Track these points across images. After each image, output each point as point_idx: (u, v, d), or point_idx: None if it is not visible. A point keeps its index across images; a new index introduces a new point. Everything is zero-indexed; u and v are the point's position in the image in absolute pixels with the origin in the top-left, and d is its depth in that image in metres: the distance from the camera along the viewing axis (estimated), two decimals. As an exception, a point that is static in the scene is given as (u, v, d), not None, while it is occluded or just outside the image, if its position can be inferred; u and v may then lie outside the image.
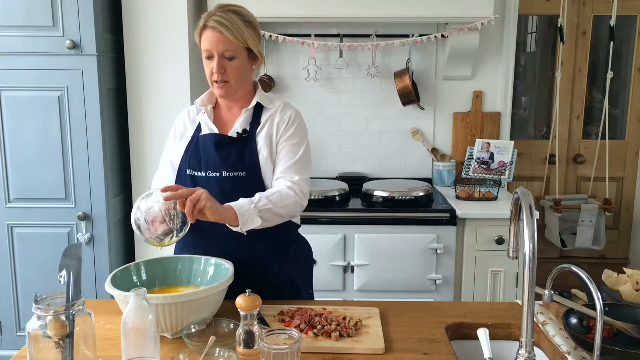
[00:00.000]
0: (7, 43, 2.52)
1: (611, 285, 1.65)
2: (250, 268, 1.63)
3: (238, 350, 1.23)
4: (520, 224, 1.19)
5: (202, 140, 1.71)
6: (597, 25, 3.43)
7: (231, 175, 1.65)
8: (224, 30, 1.60)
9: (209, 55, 1.65)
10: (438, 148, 3.29)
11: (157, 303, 1.30)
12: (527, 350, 1.14)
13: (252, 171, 1.66)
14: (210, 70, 1.66)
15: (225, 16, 1.61)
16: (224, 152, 1.67)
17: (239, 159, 1.66)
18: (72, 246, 1.24)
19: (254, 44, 1.67)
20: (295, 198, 1.62)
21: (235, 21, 1.62)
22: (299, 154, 1.70)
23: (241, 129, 1.71)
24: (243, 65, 1.67)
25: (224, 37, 1.61)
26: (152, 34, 2.76)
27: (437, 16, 2.90)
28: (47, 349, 1.12)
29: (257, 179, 1.66)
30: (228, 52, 1.63)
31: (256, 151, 1.67)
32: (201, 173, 1.68)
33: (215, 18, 1.61)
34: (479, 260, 2.74)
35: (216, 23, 1.61)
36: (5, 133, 2.60)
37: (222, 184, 1.64)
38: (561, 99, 3.36)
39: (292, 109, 1.76)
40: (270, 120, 1.72)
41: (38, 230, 2.67)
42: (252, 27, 1.66)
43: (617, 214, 3.59)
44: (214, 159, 1.67)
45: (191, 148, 1.73)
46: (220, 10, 1.64)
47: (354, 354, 1.33)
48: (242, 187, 1.64)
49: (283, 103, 1.77)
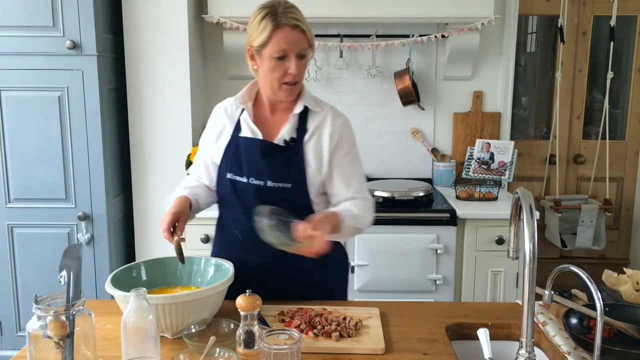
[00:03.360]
0: (7, 43, 2.52)
1: (611, 285, 1.65)
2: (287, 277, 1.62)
3: (238, 350, 1.23)
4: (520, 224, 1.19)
5: (245, 144, 1.62)
6: (597, 25, 3.43)
7: (276, 185, 1.58)
8: (304, 28, 1.52)
9: (283, 54, 1.52)
10: (438, 148, 3.29)
11: (157, 303, 1.30)
12: (527, 350, 1.14)
13: (297, 183, 1.59)
14: (282, 72, 1.54)
15: (298, 13, 1.53)
16: (269, 160, 1.59)
17: (285, 169, 1.59)
18: (72, 246, 1.24)
19: (314, 40, 1.60)
20: (371, 211, 1.65)
21: (304, 18, 1.54)
22: (360, 167, 1.68)
23: (289, 136, 1.61)
24: (308, 62, 1.61)
25: (302, 35, 1.52)
26: (152, 34, 2.76)
27: (437, 16, 2.90)
28: (47, 349, 1.12)
29: (302, 191, 1.60)
30: (304, 50, 1.54)
31: (303, 162, 1.59)
32: (242, 178, 1.61)
33: (291, 15, 1.51)
34: (479, 260, 2.74)
35: (296, 21, 1.51)
36: (5, 133, 2.60)
37: (264, 192, 1.58)
38: (561, 99, 3.36)
39: (341, 116, 1.68)
40: (319, 129, 1.63)
41: (38, 230, 2.68)
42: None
43: (617, 214, 3.59)
44: (259, 166, 1.59)
45: (231, 150, 1.64)
46: (285, 8, 1.53)
47: (354, 354, 1.33)
48: (285, 198, 1.58)
49: (330, 108, 1.67)
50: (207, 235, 2.67)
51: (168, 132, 2.85)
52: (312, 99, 1.67)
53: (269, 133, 1.63)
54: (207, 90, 3.22)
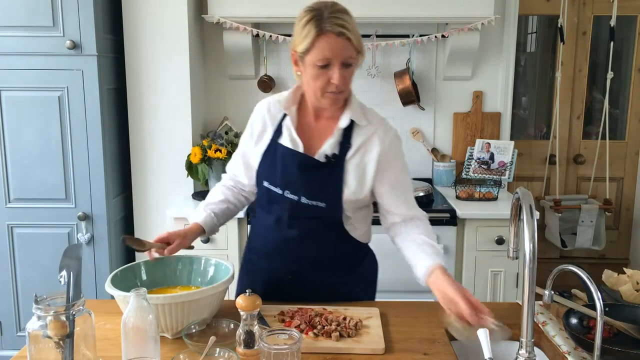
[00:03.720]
0: (7, 43, 2.52)
1: (611, 285, 1.65)
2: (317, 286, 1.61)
3: (238, 350, 1.23)
4: (520, 224, 1.19)
5: (283, 154, 1.54)
6: (597, 25, 3.43)
7: (310, 203, 1.52)
8: (351, 35, 1.41)
9: (326, 63, 1.42)
10: (438, 148, 3.29)
11: (157, 303, 1.30)
12: (527, 350, 1.14)
13: (332, 202, 1.52)
14: (325, 81, 1.45)
15: (346, 18, 1.42)
16: (307, 176, 1.52)
17: (321, 187, 1.52)
18: (72, 246, 1.24)
19: (363, 48, 1.48)
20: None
21: (353, 23, 1.43)
22: (411, 184, 1.64)
23: (330, 152, 1.52)
24: (354, 71, 1.49)
25: (348, 42, 1.41)
26: (152, 34, 2.76)
27: (437, 16, 2.90)
28: (47, 349, 1.12)
29: (335, 211, 1.54)
30: (350, 58, 1.43)
31: (342, 181, 1.51)
32: (277, 189, 1.55)
33: (337, 21, 1.40)
34: (479, 260, 2.74)
35: (342, 28, 1.40)
36: (5, 133, 2.60)
37: (298, 208, 1.53)
38: (561, 99, 3.36)
39: (391, 131, 1.57)
40: (365, 146, 1.53)
41: (38, 230, 2.68)
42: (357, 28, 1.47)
43: (617, 214, 3.59)
44: (295, 180, 1.52)
45: (269, 156, 1.57)
46: (332, 12, 1.42)
47: (354, 354, 1.33)
48: (318, 216, 1.53)
49: (380, 122, 1.57)
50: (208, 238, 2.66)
51: (168, 132, 2.85)
52: (360, 111, 1.56)
53: (310, 144, 1.55)
54: (207, 90, 3.22)
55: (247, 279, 1.72)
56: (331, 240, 1.58)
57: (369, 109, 1.60)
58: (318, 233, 1.56)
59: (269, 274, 1.63)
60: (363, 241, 1.69)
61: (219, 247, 2.66)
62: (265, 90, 3.14)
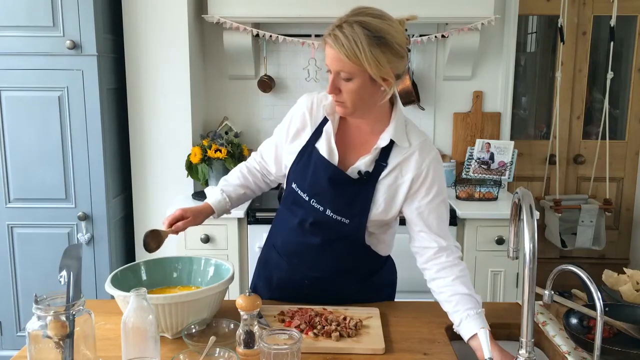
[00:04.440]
0: (7, 43, 2.52)
1: (611, 285, 1.65)
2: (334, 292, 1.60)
3: (238, 350, 1.23)
4: (520, 224, 1.19)
5: (317, 161, 1.49)
6: (597, 25, 3.43)
7: (334, 217, 1.49)
8: (338, 48, 1.33)
9: (328, 69, 1.40)
10: (438, 148, 3.29)
11: (157, 303, 1.30)
12: (527, 350, 1.14)
13: (357, 220, 1.49)
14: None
15: (347, 30, 1.33)
16: (336, 190, 1.48)
17: (349, 204, 1.48)
18: (72, 246, 1.24)
19: (376, 68, 1.34)
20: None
21: (358, 38, 1.32)
22: (446, 213, 1.51)
23: (364, 169, 1.47)
24: (362, 87, 1.38)
25: (339, 55, 1.34)
26: (152, 34, 2.76)
27: (437, 16, 2.90)
28: (47, 349, 1.12)
29: (359, 229, 1.50)
30: (345, 72, 1.36)
31: (371, 201, 1.47)
32: (304, 195, 1.51)
33: (336, 31, 1.34)
34: (479, 260, 2.73)
35: (333, 39, 1.34)
36: (5, 133, 2.60)
37: (323, 218, 1.50)
38: (561, 99, 3.36)
39: (430, 153, 1.48)
40: (400, 167, 1.47)
41: (38, 230, 2.68)
42: (382, 45, 1.33)
43: (617, 214, 3.59)
44: (323, 192, 1.49)
45: (303, 159, 1.53)
46: (348, 20, 1.35)
47: (354, 354, 1.33)
48: (341, 231, 1.51)
49: (420, 143, 1.48)
50: (207, 235, 2.67)
51: (168, 132, 2.85)
52: (403, 130, 1.48)
53: (345, 156, 1.50)
54: (207, 90, 3.21)
55: (264, 273, 1.70)
56: (352, 252, 1.56)
57: (413, 128, 1.52)
58: (339, 244, 1.54)
59: (287, 274, 1.62)
60: (384, 254, 1.66)
61: (219, 247, 2.67)
62: (265, 90, 3.14)
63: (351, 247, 1.55)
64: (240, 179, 1.71)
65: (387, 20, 1.37)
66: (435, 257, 1.50)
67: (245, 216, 2.67)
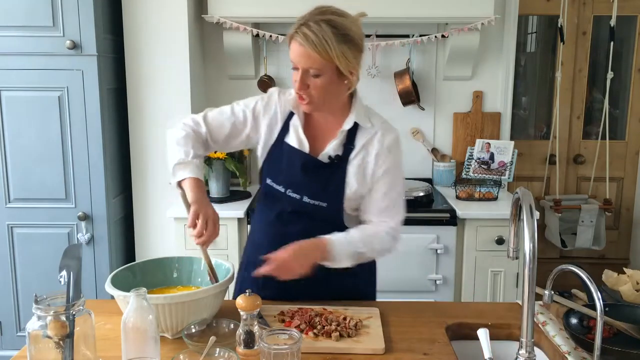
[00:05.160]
0: (7, 43, 2.52)
1: (611, 285, 1.65)
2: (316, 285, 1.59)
3: (238, 350, 1.23)
4: (520, 224, 1.19)
5: (289, 153, 1.57)
6: (597, 25, 3.43)
7: (312, 202, 1.56)
8: (308, 46, 1.41)
9: (293, 66, 1.48)
10: (438, 148, 3.29)
11: (157, 303, 1.30)
12: (527, 350, 1.14)
13: (334, 202, 1.56)
14: (294, 80, 1.50)
15: (315, 28, 1.41)
16: (310, 176, 1.55)
17: (324, 187, 1.55)
18: (72, 246, 1.24)
19: (345, 62, 1.44)
20: (390, 244, 1.58)
21: (327, 35, 1.40)
22: (397, 192, 1.58)
23: (334, 153, 1.56)
24: (330, 82, 1.47)
25: (309, 53, 1.42)
26: (152, 34, 2.76)
27: (437, 16, 2.90)
28: (47, 349, 1.12)
29: (337, 211, 1.58)
30: (314, 69, 1.44)
31: (344, 182, 1.55)
32: (280, 188, 1.58)
33: (304, 29, 1.41)
34: (479, 260, 2.73)
35: (303, 37, 1.41)
36: (5, 133, 2.60)
37: (300, 206, 1.57)
38: (561, 99, 3.36)
39: (392, 133, 1.59)
40: (366, 147, 1.56)
41: (38, 230, 2.68)
42: (347, 41, 1.44)
43: (617, 214, 3.59)
44: (298, 180, 1.56)
45: (274, 155, 1.60)
46: (313, 19, 1.43)
47: (354, 354, 1.33)
48: (320, 215, 1.57)
49: (382, 124, 1.59)
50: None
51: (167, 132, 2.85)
52: (364, 113, 1.59)
53: (315, 144, 1.58)
54: (207, 90, 3.22)
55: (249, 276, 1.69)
56: None
57: (374, 112, 1.63)
58: (319, 230, 1.56)
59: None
60: None
61: (219, 247, 2.66)
62: (265, 90, 3.10)
63: (332, 231, 1.57)
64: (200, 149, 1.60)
65: (350, 18, 1.47)
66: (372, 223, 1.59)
67: (245, 216, 2.67)
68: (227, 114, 1.63)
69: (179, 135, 1.58)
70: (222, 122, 1.63)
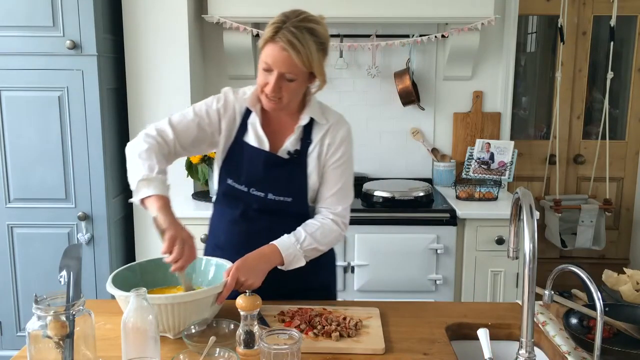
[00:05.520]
0: (7, 43, 2.52)
1: (611, 285, 1.65)
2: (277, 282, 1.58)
3: (238, 350, 1.23)
4: (520, 224, 1.19)
5: (249, 152, 1.59)
6: (597, 25, 3.43)
7: (276, 198, 1.59)
8: (293, 53, 1.43)
9: (267, 68, 1.48)
10: (438, 148, 3.29)
11: (159, 303, 1.31)
12: (527, 350, 1.14)
13: (298, 196, 1.60)
14: (263, 82, 1.50)
15: (299, 35, 1.43)
16: (272, 173, 1.59)
17: (287, 182, 1.59)
18: (72, 246, 1.24)
19: (320, 69, 1.51)
20: (338, 231, 1.62)
21: (309, 44, 1.44)
22: (343, 180, 1.63)
23: (293, 148, 1.60)
24: (301, 86, 1.53)
25: (291, 59, 1.44)
26: (152, 34, 2.76)
27: (437, 16, 2.90)
28: (47, 349, 1.12)
29: (302, 204, 1.62)
30: (291, 74, 1.47)
31: (305, 175, 1.60)
32: (242, 187, 1.60)
33: (288, 36, 1.42)
34: (479, 260, 2.74)
35: (288, 44, 1.43)
36: (5, 133, 2.60)
37: (265, 204, 1.59)
38: (561, 99, 3.36)
39: (344, 126, 1.64)
40: (322, 141, 1.61)
41: (38, 230, 2.68)
42: (323, 49, 1.50)
43: (617, 214, 3.59)
44: (261, 178, 1.59)
45: (234, 154, 1.61)
46: (295, 25, 1.44)
47: (354, 354, 1.33)
48: (286, 210, 1.60)
49: (335, 118, 1.64)
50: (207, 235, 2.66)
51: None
52: (319, 109, 1.63)
53: (274, 141, 1.61)
54: (207, 90, 3.21)
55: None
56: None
57: (327, 108, 1.68)
58: (284, 225, 1.59)
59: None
60: None
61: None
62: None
63: (296, 225, 1.59)
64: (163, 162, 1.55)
65: (323, 25, 1.51)
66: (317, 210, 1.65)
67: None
68: (190, 116, 1.61)
69: (141, 148, 1.53)
70: (187, 124, 1.61)
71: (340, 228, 1.63)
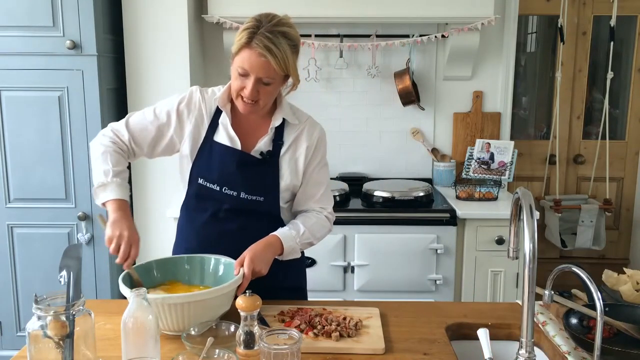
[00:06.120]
0: (7, 43, 2.52)
1: (611, 285, 1.65)
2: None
3: (238, 350, 1.23)
4: (520, 224, 1.19)
5: (220, 152, 1.60)
6: (597, 25, 3.43)
7: (249, 197, 1.60)
8: (271, 58, 1.45)
9: (244, 73, 1.50)
10: (438, 148, 3.29)
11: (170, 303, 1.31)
12: (527, 350, 1.14)
13: (270, 196, 1.62)
14: (239, 86, 1.52)
15: (275, 40, 1.45)
16: (245, 172, 1.60)
17: (259, 182, 1.61)
18: (72, 246, 1.24)
19: (295, 71, 1.54)
20: (328, 227, 1.69)
21: (284, 48, 1.46)
22: (327, 178, 1.71)
23: (265, 149, 1.62)
24: (276, 89, 1.56)
25: (269, 64, 1.46)
26: (152, 34, 2.76)
27: (437, 16, 2.90)
28: (47, 349, 1.12)
29: (274, 204, 1.64)
30: (268, 78, 1.49)
31: (278, 176, 1.62)
32: (215, 186, 1.60)
33: (265, 41, 1.44)
34: (479, 260, 2.74)
35: (264, 49, 1.44)
36: (5, 133, 2.60)
37: (238, 203, 1.60)
38: (561, 99, 3.36)
39: (317, 128, 1.69)
40: (296, 142, 1.64)
41: (38, 230, 2.68)
42: (296, 51, 1.53)
43: (617, 214, 3.59)
44: (234, 177, 1.59)
45: (204, 154, 1.61)
46: (269, 30, 1.45)
47: (354, 354, 1.33)
48: (257, 209, 1.62)
49: (307, 119, 1.68)
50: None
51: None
52: (290, 110, 1.66)
53: (246, 141, 1.62)
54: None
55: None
56: (268, 230, 1.61)
57: (297, 109, 1.70)
58: (257, 224, 1.61)
59: None
60: None
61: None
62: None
63: (269, 225, 1.61)
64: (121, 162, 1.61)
65: (294, 27, 1.53)
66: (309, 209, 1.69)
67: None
68: (150, 117, 1.64)
69: (97, 151, 1.61)
70: (145, 125, 1.63)
71: (330, 224, 1.71)
